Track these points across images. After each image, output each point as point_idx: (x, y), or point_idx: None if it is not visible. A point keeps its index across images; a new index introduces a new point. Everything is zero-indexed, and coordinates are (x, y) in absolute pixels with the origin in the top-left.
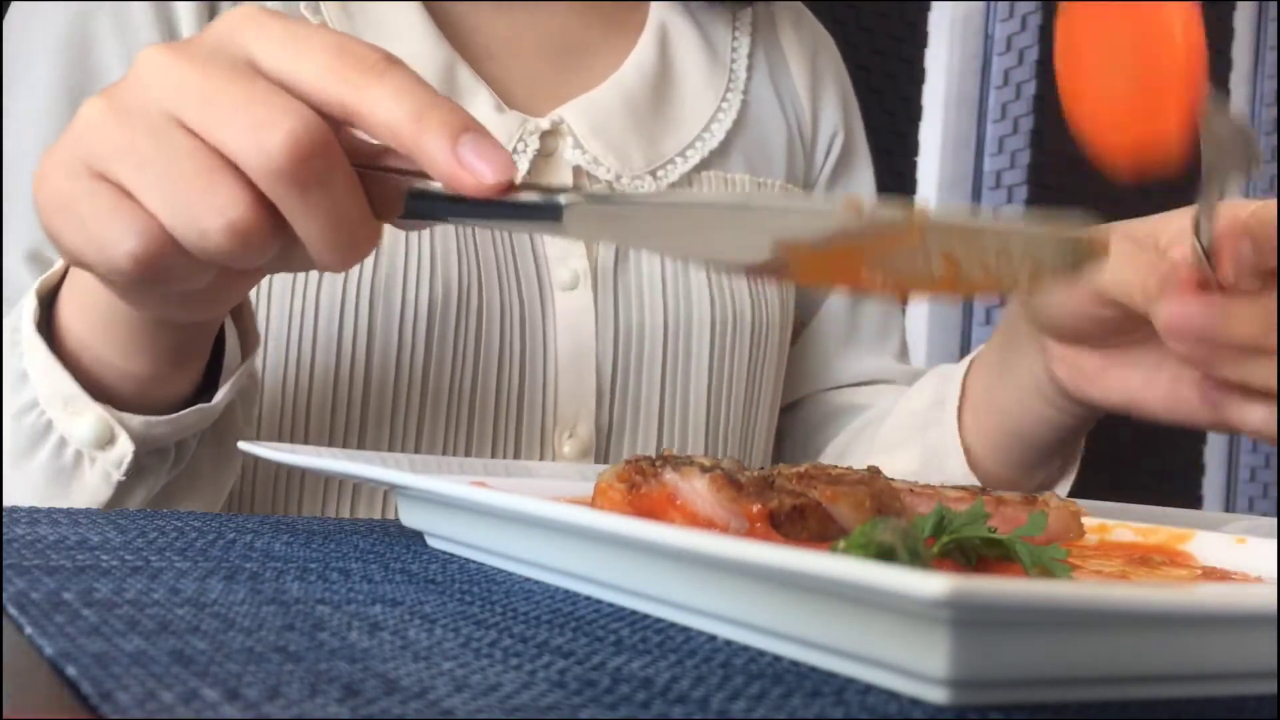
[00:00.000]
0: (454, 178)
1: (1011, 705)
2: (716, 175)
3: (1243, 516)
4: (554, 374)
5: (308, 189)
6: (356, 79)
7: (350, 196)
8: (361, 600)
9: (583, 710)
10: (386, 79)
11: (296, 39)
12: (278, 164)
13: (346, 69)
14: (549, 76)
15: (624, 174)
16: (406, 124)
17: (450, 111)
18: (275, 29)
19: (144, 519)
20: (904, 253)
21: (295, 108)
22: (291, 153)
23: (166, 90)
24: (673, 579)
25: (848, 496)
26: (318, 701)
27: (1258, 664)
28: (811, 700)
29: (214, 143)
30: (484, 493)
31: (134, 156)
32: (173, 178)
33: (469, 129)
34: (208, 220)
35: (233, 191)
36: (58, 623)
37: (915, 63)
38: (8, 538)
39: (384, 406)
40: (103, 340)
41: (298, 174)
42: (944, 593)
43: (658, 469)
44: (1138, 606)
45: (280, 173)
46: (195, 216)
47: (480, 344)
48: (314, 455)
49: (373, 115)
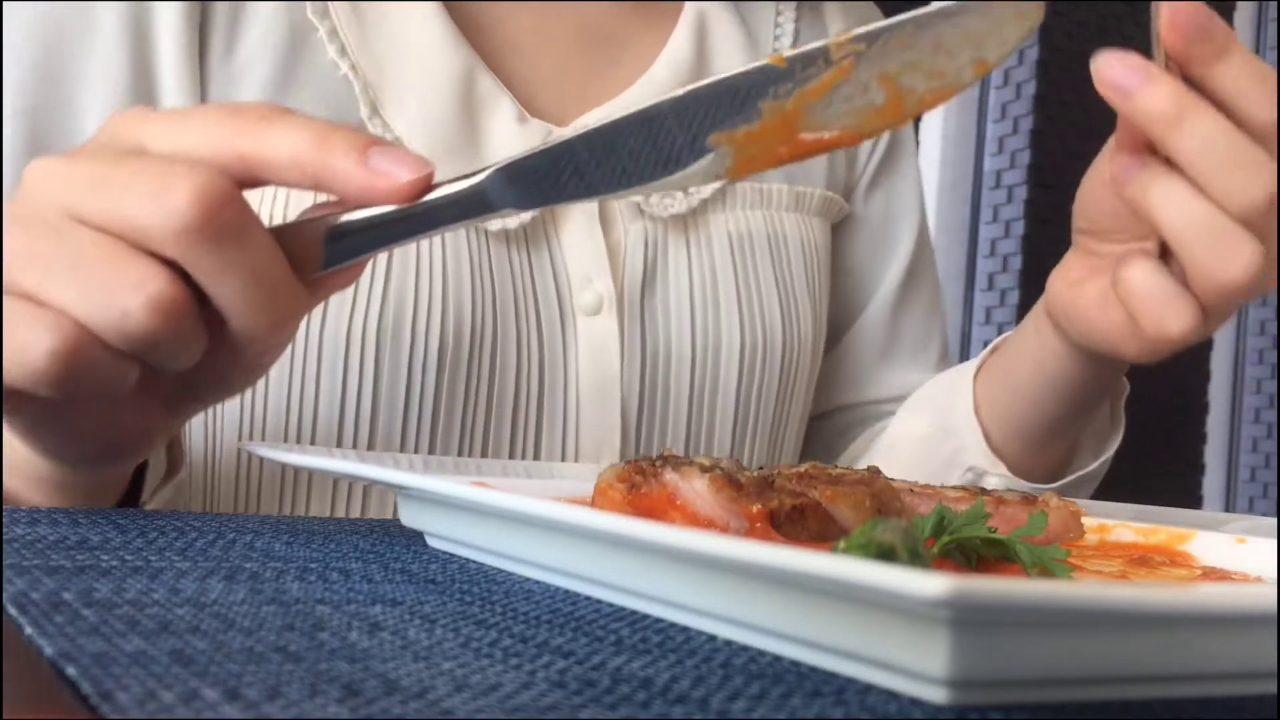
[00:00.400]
0: (369, 188)
1: (1011, 705)
2: (751, 187)
3: (1243, 516)
4: (575, 407)
5: (221, 244)
6: (249, 127)
7: (268, 251)
8: (361, 600)
9: (583, 710)
10: (280, 121)
11: (182, 114)
12: (186, 220)
13: (237, 122)
14: (576, 74)
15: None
16: (310, 150)
17: (352, 131)
18: (158, 114)
19: (144, 519)
20: (838, 95)
21: (194, 167)
22: (199, 206)
23: (56, 189)
24: (673, 579)
25: (848, 496)
26: (318, 701)
27: (1258, 664)
28: (811, 700)
29: (115, 224)
30: (484, 493)
31: (37, 260)
32: (81, 269)
33: (375, 143)
34: (125, 299)
35: (146, 266)
36: (58, 623)
37: None
38: (8, 538)
39: (391, 444)
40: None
41: (207, 229)
42: (944, 593)
43: (657, 469)
44: (1138, 606)
45: (190, 229)
46: (111, 299)
47: (495, 383)
48: (315, 455)
49: (273, 154)
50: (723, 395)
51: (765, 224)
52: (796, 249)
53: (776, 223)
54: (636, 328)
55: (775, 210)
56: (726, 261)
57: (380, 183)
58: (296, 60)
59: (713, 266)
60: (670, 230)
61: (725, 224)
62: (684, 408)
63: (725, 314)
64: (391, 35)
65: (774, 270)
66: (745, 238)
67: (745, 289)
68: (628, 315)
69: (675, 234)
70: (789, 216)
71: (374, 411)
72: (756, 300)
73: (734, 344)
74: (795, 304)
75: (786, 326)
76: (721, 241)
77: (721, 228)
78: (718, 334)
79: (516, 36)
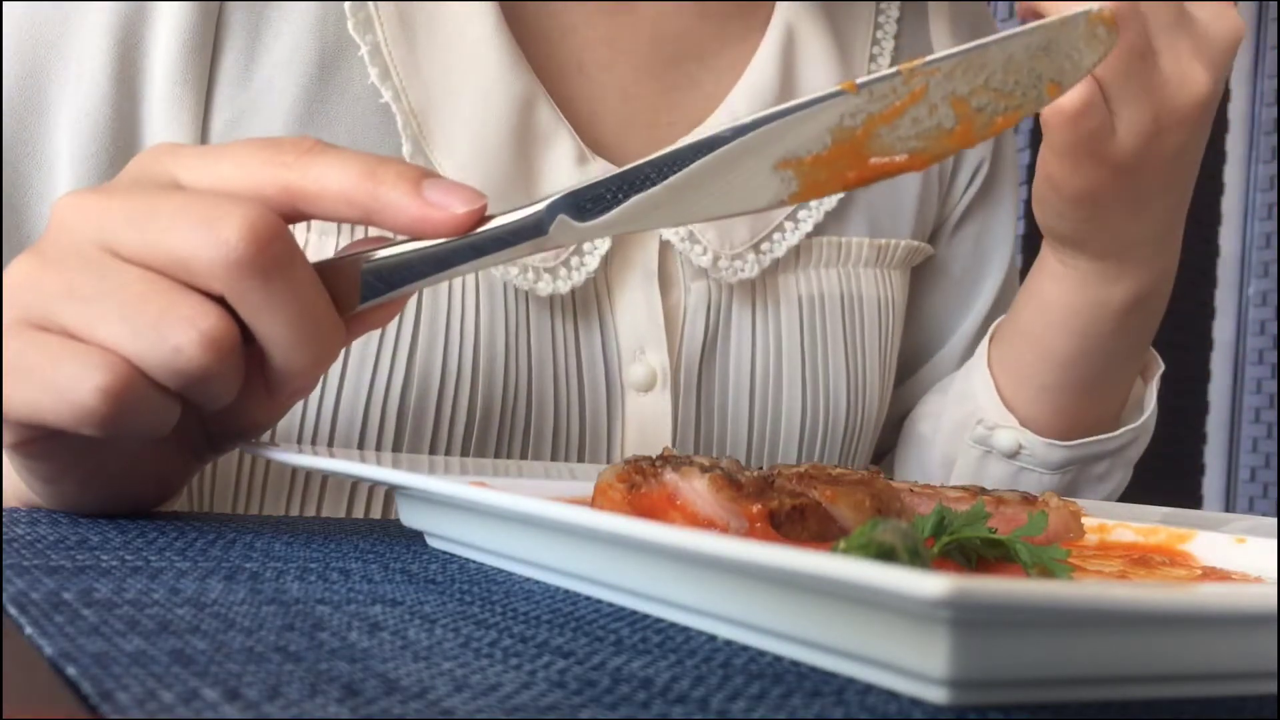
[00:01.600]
0: (423, 220)
1: (1011, 705)
2: (830, 241)
3: (1243, 516)
4: None
5: (270, 278)
6: (293, 160)
7: (313, 286)
8: (361, 600)
9: (583, 710)
10: (325, 154)
11: (216, 149)
12: (235, 255)
13: (278, 155)
14: (648, 99)
15: (723, 255)
16: (359, 183)
17: (403, 164)
18: (190, 149)
19: (144, 519)
20: (909, 119)
21: (240, 201)
22: (248, 240)
23: (92, 224)
24: (673, 579)
25: (847, 496)
26: (318, 701)
27: (1258, 664)
28: (811, 700)
29: (160, 259)
30: (484, 493)
31: (76, 296)
32: (128, 305)
33: (427, 175)
34: (178, 335)
35: (197, 302)
36: (57, 623)
37: None
38: (8, 538)
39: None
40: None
41: (257, 263)
42: (944, 593)
43: (657, 469)
44: (1138, 606)
45: (241, 263)
46: (163, 336)
47: (528, 454)
48: (315, 456)
49: (320, 188)
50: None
51: (840, 283)
52: (872, 310)
53: (853, 281)
54: (692, 405)
55: (854, 267)
56: (795, 329)
57: (435, 215)
58: (326, 86)
59: (779, 334)
60: (737, 292)
61: (796, 285)
62: None
63: (788, 389)
64: (445, 52)
65: (844, 337)
66: (816, 301)
67: (812, 361)
68: (683, 391)
69: (741, 296)
70: (867, 273)
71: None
72: (823, 373)
73: (794, 420)
74: (864, 375)
75: (852, 399)
76: (791, 306)
77: (792, 290)
78: (778, 410)
79: (584, 51)
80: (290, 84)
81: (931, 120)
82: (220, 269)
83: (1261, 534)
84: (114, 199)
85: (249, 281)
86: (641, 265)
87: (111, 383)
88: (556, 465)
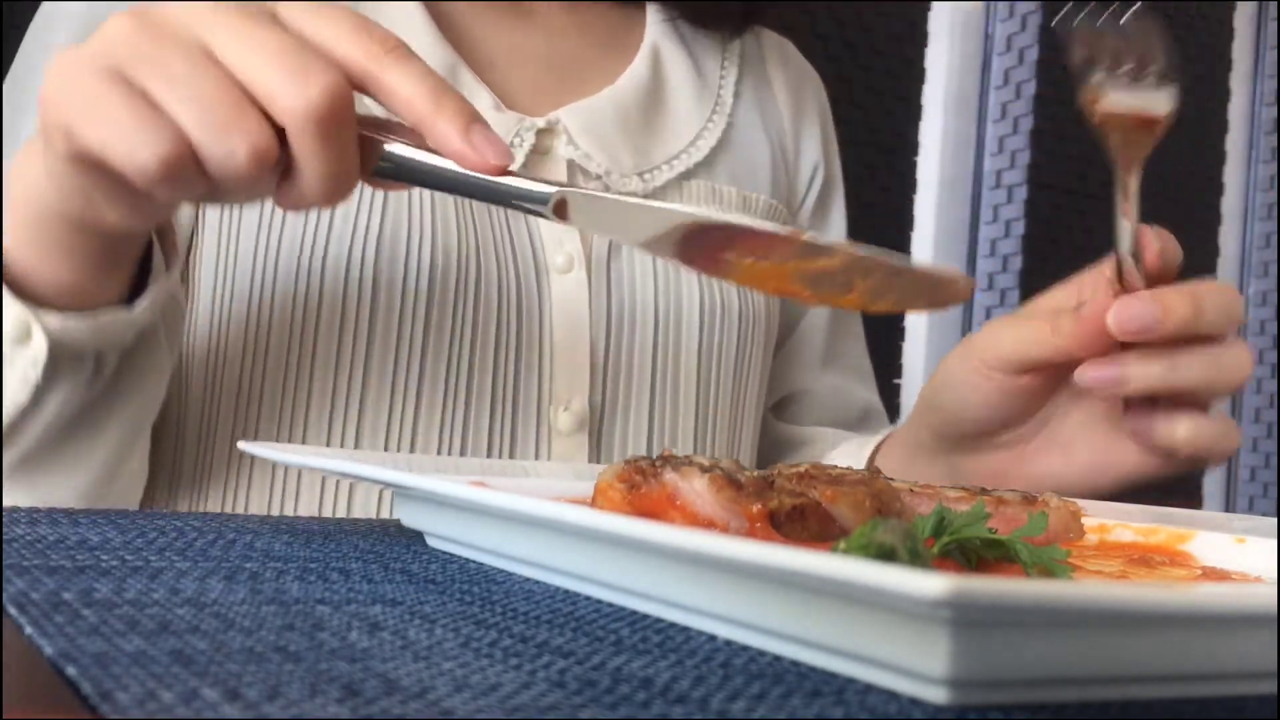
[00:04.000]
0: (462, 155)
1: (1011, 705)
2: (703, 184)
3: (1243, 516)
4: (549, 351)
5: (327, 135)
6: (380, 54)
7: (353, 153)
8: (361, 600)
9: (583, 710)
10: (406, 62)
11: (320, 10)
12: (313, 107)
13: (371, 43)
14: (547, 85)
15: (613, 171)
16: (424, 104)
17: (463, 100)
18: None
19: (144, 519)
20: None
21: (330, 64)
22: (328, 105)
23: (201, 23)
24: (673, 579)
25: (848, 496)
26: (318, 701)
27: (1258, 664)
28: (811, 700)
29: (248, 80)
30: (484, 493)
31: (166, 73)
32: (204, 99)
33: (477, 119)
34: (235, 142)
35: (260, 123)
36: (58, 623)
37: (915, 62)
38: (8, 538)
39: (386, 366)
40: (29, 242)
41: (326, 121)
42: (944, 593)
43: (657, 469)
44: (1138, 606)
45: (312, 116)
46: (224, 137)
47: (479, 313)
48: (314, 455)
49: (394, 90)
50: (685, 353)
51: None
52: None
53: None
54: (603, 287)
55: (726, 207)
56: None
57: (472, 157)
58: None
59: None
60: None
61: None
62: (648, 361)
63: (685, 282)
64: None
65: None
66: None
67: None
68: (595, 274)
69: None
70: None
71: (371, 320)
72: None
73: (694, 305)
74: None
75: (742, 296)
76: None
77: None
78: (679, 295)
79: (494, 53)
80: None
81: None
82: (294, 113)
83: (1261, 534)
84: (220, 11)
85: (311, 131)
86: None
87: (170, 154)
88: (559, 466)
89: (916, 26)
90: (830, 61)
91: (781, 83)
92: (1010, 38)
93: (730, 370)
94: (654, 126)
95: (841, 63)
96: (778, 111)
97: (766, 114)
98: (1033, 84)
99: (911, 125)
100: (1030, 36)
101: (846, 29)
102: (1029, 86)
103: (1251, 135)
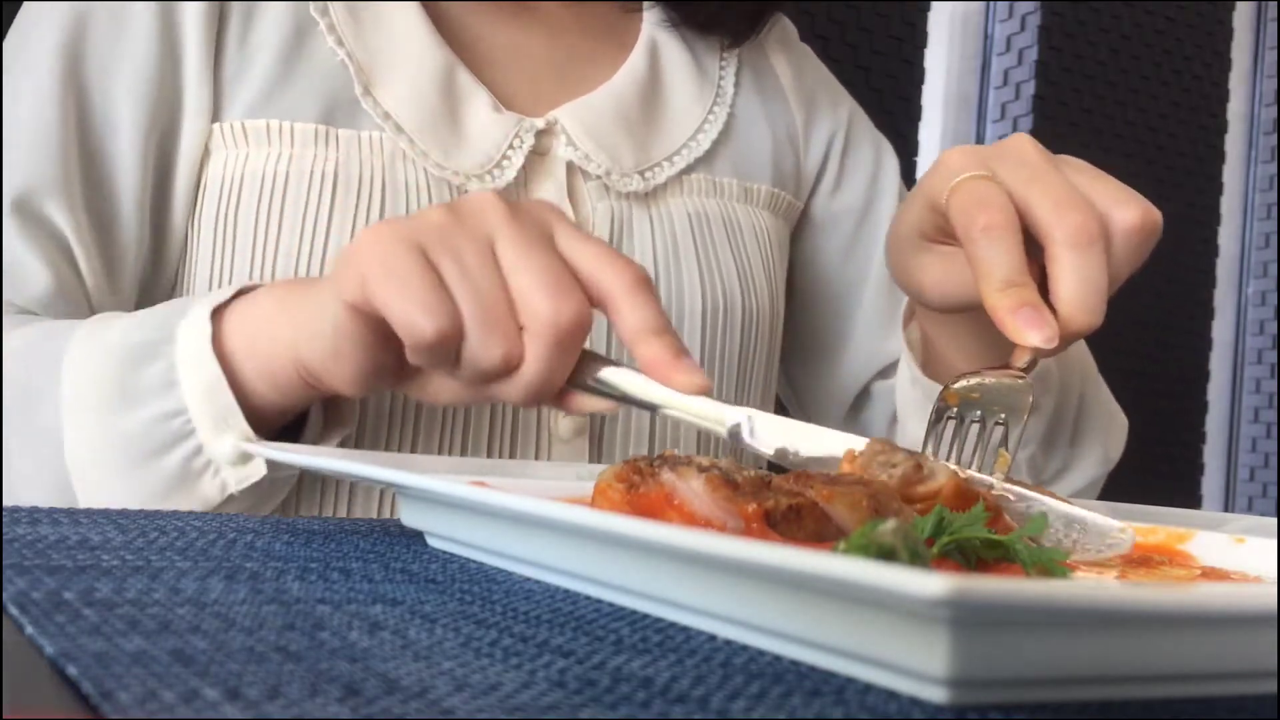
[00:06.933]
0: (671, 380)
1: (1011, 705)
2: (704, 178)
3: (1243, 516)
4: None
5: (562, 349)
6: (629, 284)
7: (570, 366)
8: (362, 600)
9: (583, 710)
10: (643, 293)
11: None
12: (563, 331)
13: (617, 269)
14: (546, 83)
15: (614, 171)
16: (644, 334)
17: (673, 338)
18: (570, 224)
19: (144, 519)
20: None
21: (580, 290)
22: (574, 327)
23: (493, 225)
24: (673, 579)
25: (844, 496)
26: (318, 701)
27: (1258, 664)
28: (811, 700)
29: (515, 285)
30: (484, 493)
31: (460, 262)
32: (482, 295)
33: (681, 354)
34: (496, 341)
35: (518, 332)
36: (58, 622)
37: (915, 63)
38: (8, 538)
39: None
40: (257, 376)
41: (564, 340)
42: (944, 593)
43: (655, 469)
44: (1138, 606)
45: (559, 337)
46: (489, 334)
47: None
48: (314, 455)
49: (628, 315)
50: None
51: (720, 210)
52: (750, 234)
53: (730, 212)
54: None
55: (727, 200)
56: (687, 235)
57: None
58: (300, 47)
59: (674, 238)
60: (634, 207)
61: (684, 206)
62: None
63: (687, 278)
64: (381, 32)
65: (730, 247)
66: (703, 218)
67: (705, 259)
68: None
69: (639, 211)
70: (741, 207)
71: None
72: (716, 269)
73: (696, 305)
74: (751, 276)
75: (745, 294)
76: (681, 219)
77: (681, 209)
78: (680, 295)
79: (492, 50)
80: (274, 45)
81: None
82: (542, 324)
83: (1260, 534)
84: (519, 224)
85: (550, 349)
86: (551, 181)
87: (446, 330)
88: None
89: (916, 27)
90: (830, 62)
91: (785, 63)
92: (1010, 38)
93: (734, 371)
94: (654, 121)
95: (841, 63)
96: (782, 93)
97: (769, 99)
98: (1032, 84)
99: (911, 125)
100: (1030, 37)
101: (846, 29)
102: (1028, 87)
103: (1251, 135)
